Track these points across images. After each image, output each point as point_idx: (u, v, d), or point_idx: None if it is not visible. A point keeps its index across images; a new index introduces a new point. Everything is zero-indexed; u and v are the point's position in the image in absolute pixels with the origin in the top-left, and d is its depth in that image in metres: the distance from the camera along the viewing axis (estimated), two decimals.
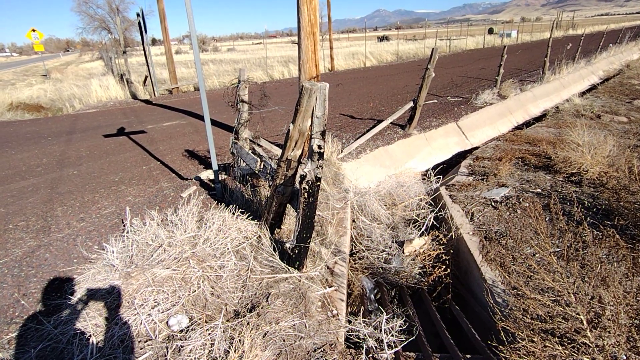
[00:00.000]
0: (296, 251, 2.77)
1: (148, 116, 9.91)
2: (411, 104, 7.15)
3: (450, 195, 4.18)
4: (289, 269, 2.83)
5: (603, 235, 2.69)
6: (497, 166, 4.90)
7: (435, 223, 3.98)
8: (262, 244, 3.06)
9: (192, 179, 4.94)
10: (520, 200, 3.90)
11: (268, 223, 3.14)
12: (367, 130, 7.01)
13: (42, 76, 27.73)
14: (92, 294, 2.53)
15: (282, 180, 2.82)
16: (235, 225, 3.23)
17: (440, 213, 4.04)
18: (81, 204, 4.48)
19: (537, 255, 2.84)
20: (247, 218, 3.35)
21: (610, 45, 21.19)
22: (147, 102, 12.72)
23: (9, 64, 52.73)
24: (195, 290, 2.48)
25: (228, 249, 2.93)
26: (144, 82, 14.54)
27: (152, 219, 3.31)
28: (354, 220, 4.23)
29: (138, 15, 13.02)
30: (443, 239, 3.56)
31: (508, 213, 3.63)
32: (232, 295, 2.56)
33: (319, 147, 2.48)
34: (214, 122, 8.67)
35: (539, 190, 4.16)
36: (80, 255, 3.29)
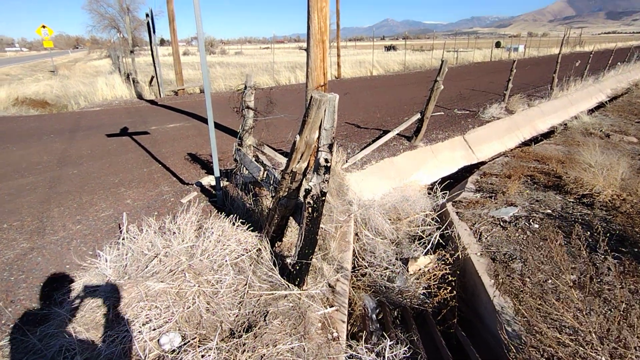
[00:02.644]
0: (297, 267, 2.64)
1: (152, 117, 9.84)
2: (418, 115, 7.05)
3: (457, 213, 4.05)
4: (288, 286, 2.70)
5: (624, 268, 2.56)
6: (505, 184, 4.77)
7: (441, 241, 3.85)
8: (262, 257, 2.94)
9: (193, 184, 4.83)
10: (531, 221, 3.77)
11: (269, 236, 3.02)
12: (373, 141, 6.90)
13: (50, 72, 27.87)
14: (82, 306, 2.41)
15: (286, 193, 2.70)
16: (234, 236, 3.11)
17: (446, 231, 3.92)
18: (79, 205, 4.37)
19: (549, 281, 2.71)
20: (247, 229, 3.24)
21: (619, 63, 21.11)
22: (152, 102, 12.67)
23: (18, 58, 53.14)
24: (190, 307, 2.36)
25: (226, 261, 2.81)
26: (150, 82, 14.52)
27: (150, 226, 3.20)
28: (357, 234, 4.11)
29: (147, 15, 13.03)
30: (449, 258, 3.43)
31: (518, 234, 3.50)
32: (229, 312, 2.43)
33: (326, 160, 2.37)
34: (218, 126, 8.59)
35: (549, 211, 4.04)
36: (73, 261, 3.17)
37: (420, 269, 3.46)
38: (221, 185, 4.63)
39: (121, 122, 9.26)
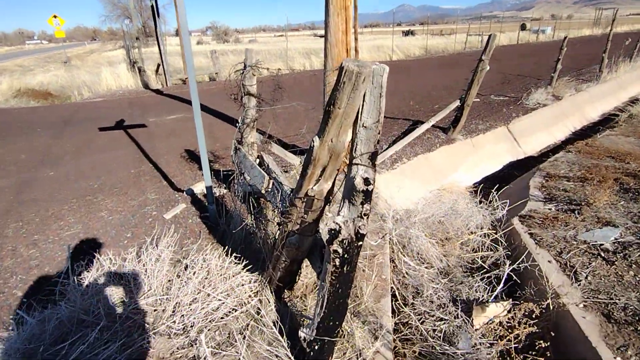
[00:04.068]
0: (316, 347, 1.65)
1: (154, 107, 8.96)
2: (457, 102, 5.91)
3: (530, 234, 2.99)
4: None
5: None
6: (584, 190, 3.66)
7: (511, 274, 2.80)
8: (262, 317, 1.97)
9: (184, 192, 3.89)
10: None
11: (273, 284, 2.04)
12: (403, 134, 5.82)
13: (62, 63, 27.48)
14: None
15: (297, 227, 1.70)
16: (225, 280, 2.14)
17: (516, 258, 2.86)
18: (41, 220, 3.49)
19: None
20: (245, 268, 2.26)
21: None
22: (158, 92, 11.82)
23: (35, 51, 53.43)
24: None
25: (207, 328, 1.85)
26: (157, 70, 13.68)
27: (103, 266, 2.25)
28: (392, 260, 3.09)
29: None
30: (531, 307, 2.39)
31: (633, 274, 2.43)
32: None
33: (366, 181, 1.35)
34: (223, 117, 7.64)
35: None
36: None
37: (489, 321, 2.44)
38: (217, 194, 3.67)
39: (120, 113, 8.42)
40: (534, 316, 2.41)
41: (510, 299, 2.55)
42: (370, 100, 1.32)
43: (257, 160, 3.25)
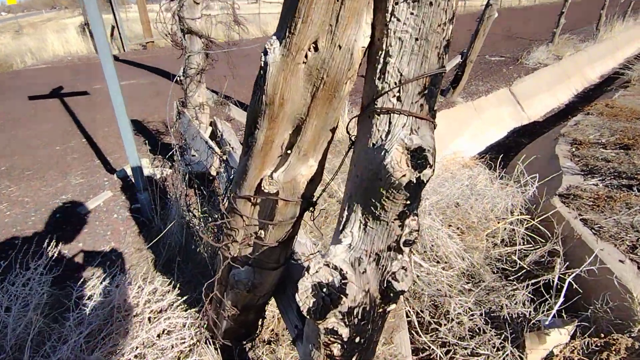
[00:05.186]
0: None
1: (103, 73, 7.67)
2: (458, 58, 5.03)
3: (584, 221, 2.22)
4: None
5: None
6: (632, 160, 2.92)
7: (559, 275, 2.04)
8: None
9: (114, 175, 2.92)
10: None
11: (218, 335, 1.17)
12: None
13: (15, 32, 24.90)
14: None
15: (250, 252, 0.81)
16: (142, 327, 1.26)
17: (567, 256, 2.10)
18: None
19: None
20: (179, 303, 1.39)
21: None
22: (113, 58, 10.38)
23: None
24: None
25: None
26: (112, 34, 12.09)
27: None
28: None
29: None
30: (625, 340, 1.64)
31: None
32: None
33: (418, 156, 0.44)
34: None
35: None
36: None
37: (548, 355, 1.69)
38: (160, 176, 2.73)
39: (61, 80, 7.15)
40: (604, 344, 1.66)
41: (575, 319, 1.78)
42: None
43: (209, 129, 2.32)
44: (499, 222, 2.46)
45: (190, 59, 2.29)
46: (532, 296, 2.02)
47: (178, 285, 1.55)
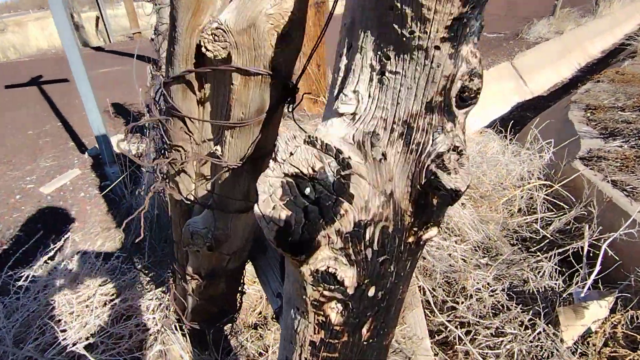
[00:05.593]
0: None
1: (86, 64, 7.34)
2: None
3: (613, 183, 1.97)
4: None
5: None
6: None
7: (587, 248, 1.80)
8: None
9: (85, 153, 2.65)
10: None
11: (186, 321, 0.90)
12: None
13: (0, 31, 24.37)
14: None
15: (195, 188, 0.53)
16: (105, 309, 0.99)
17: (593, 222, 1.85)
18: None
19: None
20: (145, 286, 1.12)
21: None
22: (98, 49, 10.10)
23: None
24: None
25: None
26: (97, 25, 11.71)
27: None
28: None
29: None
30: None
31: None
32: None
33: None
34: None
35: None
36: None
37: (586, 332, 1.44)
38: (136, 152, 2.45)
39: (43, 71, 6.83)
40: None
41: (614, 290, 1.53)
42: None
43: None
44: (515, 190, 2.21)
45: (161, 12, 2.01)
46: (559, 267, 1.78)
47: (145, 265, 1.29)
